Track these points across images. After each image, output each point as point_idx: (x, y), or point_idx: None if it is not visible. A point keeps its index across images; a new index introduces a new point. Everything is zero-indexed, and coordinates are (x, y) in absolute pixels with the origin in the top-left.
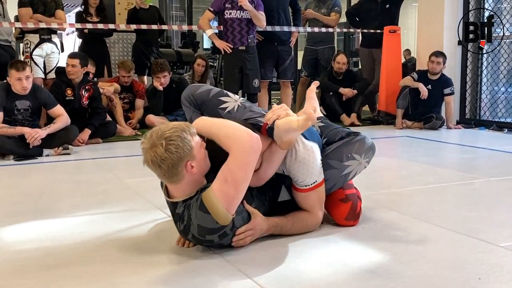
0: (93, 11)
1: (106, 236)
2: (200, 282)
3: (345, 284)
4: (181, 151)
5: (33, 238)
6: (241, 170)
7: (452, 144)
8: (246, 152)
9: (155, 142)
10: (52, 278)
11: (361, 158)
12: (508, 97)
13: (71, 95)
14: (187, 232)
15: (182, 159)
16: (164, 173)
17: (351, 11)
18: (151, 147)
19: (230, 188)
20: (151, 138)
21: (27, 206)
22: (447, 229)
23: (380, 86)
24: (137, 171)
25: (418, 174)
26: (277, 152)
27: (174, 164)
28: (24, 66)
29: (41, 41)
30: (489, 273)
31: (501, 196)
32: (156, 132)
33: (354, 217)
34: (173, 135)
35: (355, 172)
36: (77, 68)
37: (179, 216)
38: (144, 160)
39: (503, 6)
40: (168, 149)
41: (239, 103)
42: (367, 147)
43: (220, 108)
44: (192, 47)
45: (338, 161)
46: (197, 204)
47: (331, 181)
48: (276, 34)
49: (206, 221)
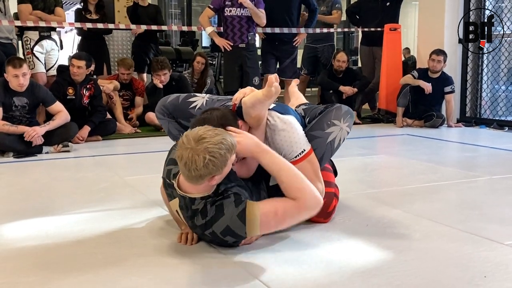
0: (92, 8)
1: (106, 233)
2: (203, 280)
3: (349, 282)
4: (216, 168)
5: (33, 235)
6: (292, 219)
7: (453, 142)
8: (306, 211)
9: (198, 150)
10: (53, 275)
11: (340, 123)
12: (509, 95)
13: (72, 94)
14: (206, 228)
15: (211, 174)
16: (189, 176)
17: (352, 9)
18: (193, 152)
19: (273, 221)
20: (197, 144)
21: (27, 203)
22: (450, 227)
23: (381, 84)
24: (137, 169)
25: (420, 172)
26: (256, 134)
27: (202, 176)
28: (21, 63)
29: (40, 38)
30: (494, 271)
31: (503, 194)
32: (204, 140)
33: (324, 215)
34: (216, 151)
35: (339, 138)
36: (83, 69)
37: (196, 211)
38: (178, 152)
39: (504, 4)
40: (206, 165)
41: (207, 98)
42: (344, 112)
43: (191, 108)
44: (191, 45)
45: (320, 130)
46: (235, 209)
47: (319, 150)
48: (277, 35)
49: (237, 227)
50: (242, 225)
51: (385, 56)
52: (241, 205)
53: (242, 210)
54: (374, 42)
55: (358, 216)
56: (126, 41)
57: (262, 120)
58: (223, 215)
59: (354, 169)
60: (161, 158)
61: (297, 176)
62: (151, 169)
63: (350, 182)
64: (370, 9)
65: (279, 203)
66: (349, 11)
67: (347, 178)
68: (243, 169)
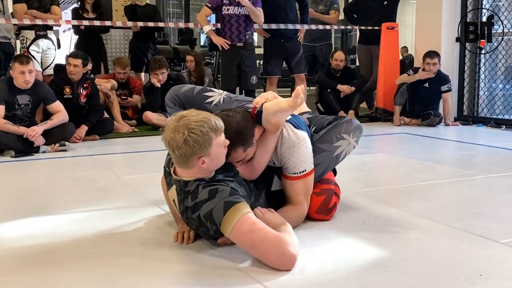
0: (89, 7)
1: (103, 232)
2: (199, 279)
3: (346, 281)
4: (198, 146)
5: (30, 234)
6: (261, 251)
7: (450, 140)
8: (281, 250)
9: (179, 128)
10: (50, 274)
11: (350, 138)
12: (506, 94)
13: (69, 93)
14: (195, 210)
15: (196, 153)
16: (176, 158)
17: (349, 7)
18: (174, 130)
19: (246, 236)
20: (178, 122)
21: (24, 202)
22: (447, 225)
23: (378, 83)
24: (134, 168)
25: (417, 171)
26: (269, 140)
27: (186, 155)
28: (28, 60)
29: (36, 37)
30: (490, 269)
31: (500, 193)
32: (185, 117)
33: (325, 211)
34: (197, 128)
35: (346, 152)
36: (79, 68)
37: (188, 193)
38: (163, 136)
39: (501, 3)
40: (187, 141)
41: (224, 95)
42: (354, 127)
43: (207, 103)
44: (189, 44)
45: (328, 143)
46: (226, 197)
47: (323, 164)
48: (283, 31)
49: (217, 214)
50: (221, 215)
51: (382, 54)
52: (234, 198)
53: (230, 202)
54: (372, 41)
55: (355, 215)
56: (124, 40)
57: (280, 127)
58: (214, 198)
59: (352, 168)
60: (159, 157)
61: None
62: (149, 168)
63: (348, 180)
64: (367, 8)
65: (264, 230)
66: (347, 10)
67: (344, 176)
68: (247, 170)
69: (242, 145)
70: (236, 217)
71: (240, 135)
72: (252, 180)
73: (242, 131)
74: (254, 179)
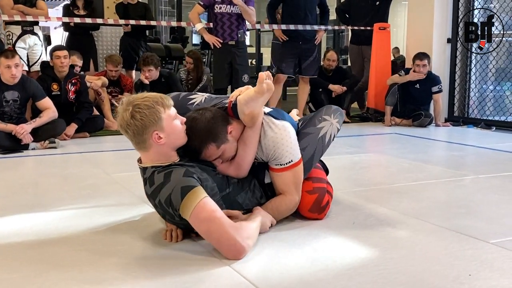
0: (80, 4)
1: (92, 230)
2: (188, 277)
3: (335, 280)
4: (147, 119)
5: (17, 231)
6: (215, 237)
7: (441, 141)
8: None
9: (125, 108)
10: (37, 272)
11: (331, 118)
12: (497, 95)
13: (57, 89)
14: (154, 196)
15: (147, 127)
16: (131, 139)
17: (341, 7)
18: (121, 111)
19: (204, 223)
20: (123, 104)
21: (13, 200)
22: (437, 225)
23: (369, 83)
24: (124, 166)
25: (407, 171)
26: (249, 134)
27: (138, 131)
28: (14, 54)
29: (23, 32)
30: (479, 269)
31: (490, 193)
32: (128, 98)
33: (318, 210)
34: (142, 103)
35: (330, 133)
36: (68, 59)
37: (146, 180)
38: (116, 123)
39: (493, 5)
40: (134, 116)
41: (206, 96)
42: (334, 109)
43: (189, 104)
44: (181, 42)
45: (312, 126)
46: (182, 179)
47: (310, 148)
48: (301, 33)
49: (175, 199)
50: (179, 200)
51: (374, 55)
52: (189, 182)
53: (187, 187)
54: (364, 41)
55: (345, 214)
56: (115, 37)
57: (256, 118)
58: (169, 182)
59: (342, 167)
60: None
61: None
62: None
63: (338, 180)
64: (360, 8)
65: (222, 219)
66: (339, 10)
67: (335, 176)
68: (231, 168)
69: (213, 141)
70: (194, 202)
71: (209, 131)
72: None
73: (210, 128)
74: (243, 176)
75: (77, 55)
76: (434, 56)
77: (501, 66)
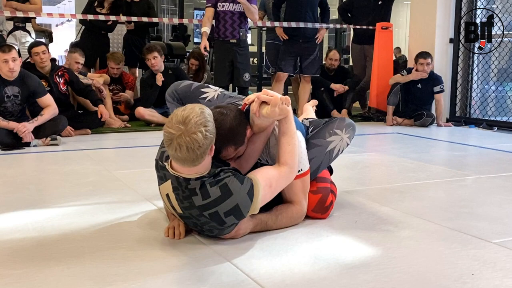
0: (106, 4)
1: (94, 227)
2: (190, 274)
3: (337, 278)
4: (212, 136)
5: (20, 228)
6: (280, 188)
7: (443, 141)
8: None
9: (193, 129)
10: (39, 268)
11: (342, 133)
12: (498, 96)
13: (47, 86)
14: (207, 208)
15: (212, 143)
16: (195, 158)
17: (344, 6)
18: (188, 133)
19: (268, 194)
20: (187, 125)
21: (14, 196)
22: (439, 225)
23: (371, 82)
24: (126, 163)
25: (409, 170)
26: (259, 139)
27: (206, 149)
28: (11, 48)
29: (15, 28)
30: (482, 269)
31: (492, 193)
32: (188, 118)
33: (322, 210)
34: (207, 121)
35: (339, 148)
36: (47, 53)
37: (194, 191)
38: (174, 145)
39: (495, 5)
40: (206, 136)
41: (219, 92)
42: (347, 123)
43: (201, 98)
44: (182, 41)
45: (321, 138)
46: (243, 186)
47: (316, 160)
48: (301, 31)
49: (245, 205)
50: (249, 202)
51: (376, 54)
52: (247, 181)
53: (251, 187)
54: (366, 41)
55: (347, 213)
56: (118, 35)
57: (263, 130)
58: (232, 195)
59: (345, 167)
60: (150, 152)
61: (294, 146)
62: (140, 164)
63: (340, 179)
64: (362, 7)
65: (270, 173)
66: (341, 9)
67: (337, 175)
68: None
69: (234, 143)
70: (260, 193)
71: (233, 133)
72: None
73: (234, 130)
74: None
75: (79, 52)
76: (436, 56)
77: (503, 66)
